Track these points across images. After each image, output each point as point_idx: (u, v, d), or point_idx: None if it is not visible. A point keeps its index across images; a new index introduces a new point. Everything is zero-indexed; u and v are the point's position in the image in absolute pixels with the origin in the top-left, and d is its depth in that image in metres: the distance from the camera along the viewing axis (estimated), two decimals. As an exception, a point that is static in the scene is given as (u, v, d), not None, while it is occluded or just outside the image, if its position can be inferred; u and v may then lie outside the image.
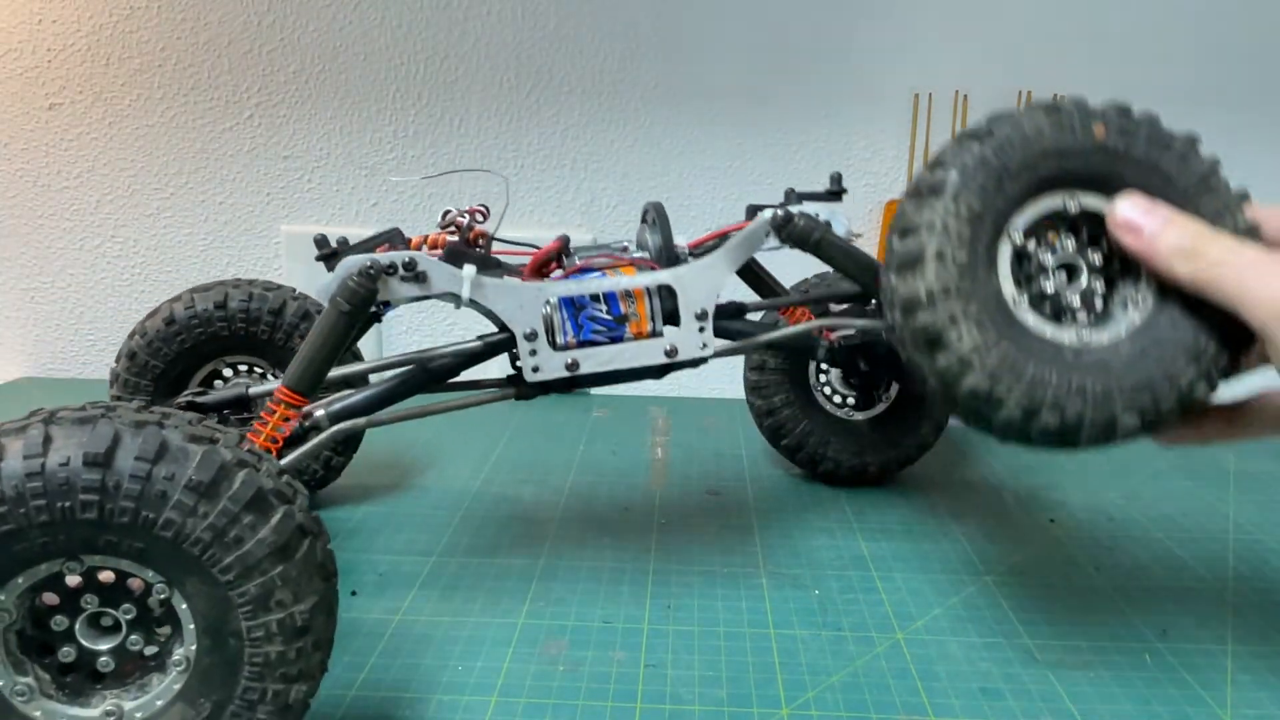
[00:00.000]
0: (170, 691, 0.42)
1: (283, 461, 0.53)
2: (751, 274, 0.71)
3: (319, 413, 0.58)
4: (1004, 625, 0.61)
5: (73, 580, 0.42)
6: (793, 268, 0.76)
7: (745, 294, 0.71)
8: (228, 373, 0.74)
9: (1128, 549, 0.72)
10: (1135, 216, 0.47)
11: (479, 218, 0.60)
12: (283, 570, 0.41)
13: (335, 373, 0.60)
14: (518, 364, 0.59)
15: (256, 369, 0.74)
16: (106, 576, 0.42)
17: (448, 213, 0.60)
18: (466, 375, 0.65)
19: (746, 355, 0.85)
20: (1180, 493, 0.84)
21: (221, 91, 1.05)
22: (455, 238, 0.59)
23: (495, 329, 0.61)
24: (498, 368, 0.63)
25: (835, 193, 0.68)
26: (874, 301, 0.71)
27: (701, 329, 0.59)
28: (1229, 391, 0.50)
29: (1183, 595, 0.65)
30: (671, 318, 0.59)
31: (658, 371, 0.60)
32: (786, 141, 1.05)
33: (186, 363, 0.72)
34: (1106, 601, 0.64)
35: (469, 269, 0.55)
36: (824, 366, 0.84)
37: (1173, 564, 0.70)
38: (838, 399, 0.84)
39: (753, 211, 0.67)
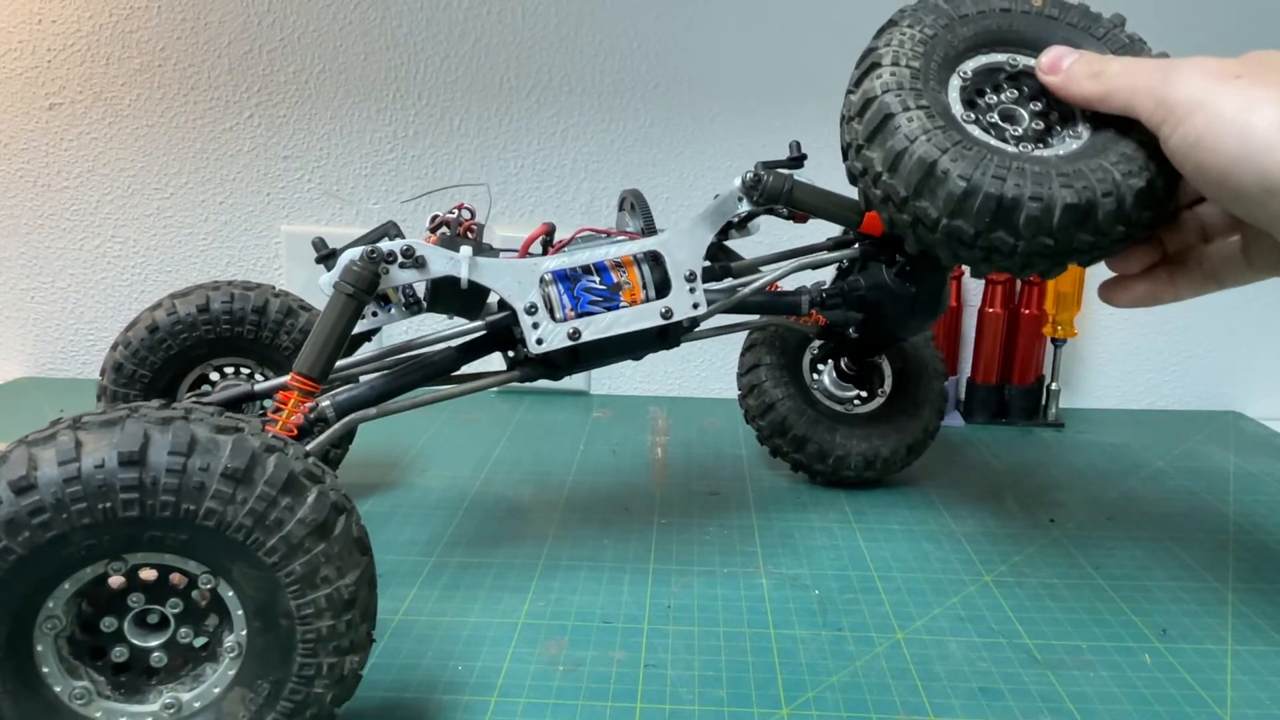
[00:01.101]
0: (226, 678, 0.43)
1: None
2: (724, 256, 0.74)
3: (325, 404, 0.59)
4: (1004, 625, 0.61)
5: (116, 581, 0.42)
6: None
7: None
8: (215, 377, 0.74)
9: (1128, 549, 0.72)
10: (1054, 57, 0.54)
11: (467, 213, 0.62)
12: (325, 547, 0.42)
13: (338, 363, 0.61)
14: (520, 346, 0.61)
15: (243, 370, 0.74)
16: (148, 575, 0.43)
17: (435, 217, 0.62)
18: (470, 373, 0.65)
19: (739, 369, 0.85)
20: (1180, 493, 0.84)
21: (221, 91, 1.05)
22: (446, 232, 0.61)
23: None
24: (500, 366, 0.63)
25: (796, 159, 0.71)
26: (855, 245, 0.74)
27: (692, 289, 0.62)
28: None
29: (1183, 595, 0.65)
30: (663, 288, 0.62)
31: (658, 337, 0.63)
32: (787, 141, 1.05)
33: (174, 370, 0.71)
34: (1106, 601, 0.64)
35: (465, 249, 0.58)
36: (818, 368, 0.85)
37: (1173, 564, 0.70)
38: (833, 400, 0.84)
39: (763, 165, 0.69)
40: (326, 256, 0.59)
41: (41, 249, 1.10)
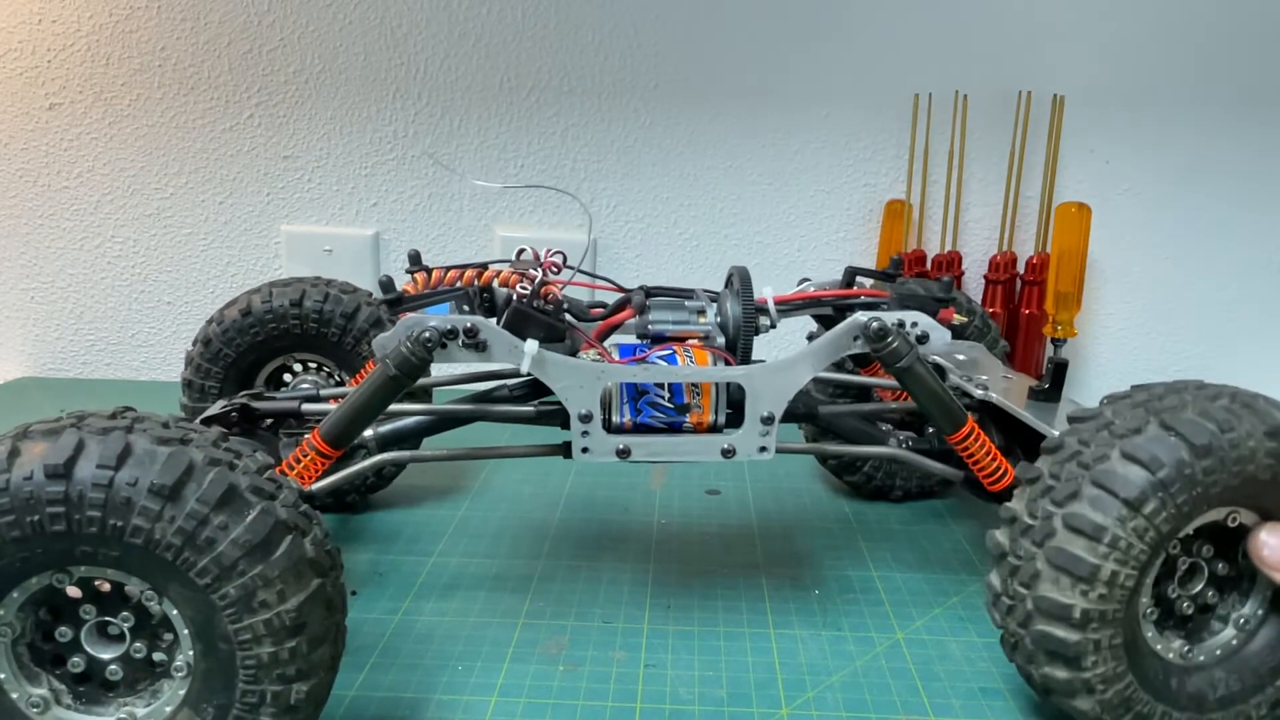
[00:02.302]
0: (177, 698, 0.42)
1: (320, 484, 0.53)
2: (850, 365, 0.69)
3: (368, 433, 0.59)
4: (1004, 625, 0.61)
5: (73, 591, 0.42)
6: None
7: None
8: (297, 368, 0.76)
9: (1128, 549, 0.72)
10: None
11: (553, 270, 0.58)
12: (262, 570, 0.40)
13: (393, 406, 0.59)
14: (568, 437, 0.57)
15: (325, 368, 0.76)
16: (104, 586, 0.42)
17: (521, 251, 0.58)
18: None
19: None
20: (1180, 493, 0.84)
21: (221, 91, 1.05)
22: (526, 289, 0.56)
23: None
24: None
25: (891, 275, 0.64)
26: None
27: (764, 433, 0.56)
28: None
29: (1183, 595, 0.65)
30: (735, 417, 0.57)
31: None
32: (787, 141, 1.05)
33: (257, 355, 0.73)
34: (1106, 601, 0.64)
35: (531, 344, 0.52)
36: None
37: (1173, 564, 0.70)
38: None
39: (851, 275, 0.65)
40: (392, 302, 0.55)
41: (41, 249, 1.10)
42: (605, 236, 1.08)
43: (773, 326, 0.61)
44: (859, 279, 0.65)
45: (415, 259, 0.61)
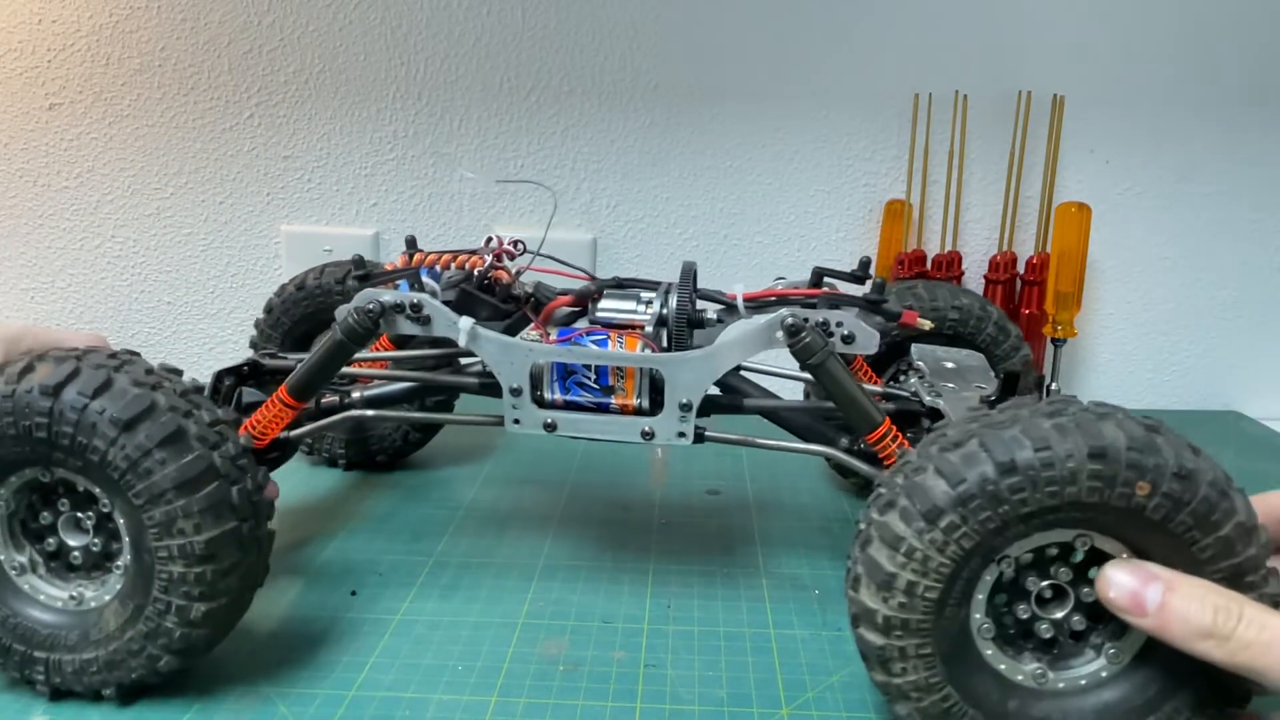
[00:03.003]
0: (114, 590, 0.51)
1: (297, 431, 0.61)
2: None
3: (356, 395, 0.68)
4: (1004, 625, 0.61)
5: (55, 487, 0.51)
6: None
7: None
8: None
9: (1128, 549, 0.72)
10: (1131, 592, 0.43)
11: (505, 258, 0.64)
12: (185, 504, 0.48)
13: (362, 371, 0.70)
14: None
15: None
16: (80, 487, 0.51)
17: (489, 240, 0.64)
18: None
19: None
20: (1180, 493, 0.84)
21: (221, 91, 1.05)
22: (477, 274, 0.62)
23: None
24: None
25: (860, 277, 0.65)
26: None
27: (683, 419, 0.58)
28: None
29: (1183, 595, 0.65)
30: (657, 405, 0.59)
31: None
32: (786, 142, 1.05)
33: (309, 325, 0.81)
34: (1106, 601, 0.64)
35: (465, 321, 0.57)
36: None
37: (1173, 564, 0.70)
38: None
39: (819, 275, 0.65)
40: (361, 277, 0.60)
41: (41, 249, 1.10)
42: (605, 236, 1.08)
43: (719, 322, 0.64)
44: (827, 280, 0.66)
45: (411, 243, 0.67)
